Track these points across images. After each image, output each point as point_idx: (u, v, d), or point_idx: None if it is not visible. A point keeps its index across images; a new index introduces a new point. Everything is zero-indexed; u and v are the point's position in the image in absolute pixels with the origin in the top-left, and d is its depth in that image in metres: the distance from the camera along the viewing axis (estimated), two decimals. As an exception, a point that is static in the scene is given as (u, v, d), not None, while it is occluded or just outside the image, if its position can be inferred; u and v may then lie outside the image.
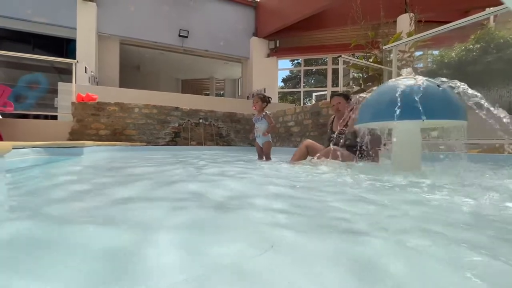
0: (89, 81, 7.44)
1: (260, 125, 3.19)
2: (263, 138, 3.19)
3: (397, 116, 1.62)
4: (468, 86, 1.64)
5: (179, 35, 9.45)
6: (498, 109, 1.47)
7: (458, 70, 4.01)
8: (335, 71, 11.51)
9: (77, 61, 6.06)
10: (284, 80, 22.97)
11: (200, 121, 6.61)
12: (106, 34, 8.57)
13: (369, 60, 5.49)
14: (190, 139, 6.49)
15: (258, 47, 10.66)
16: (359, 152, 2.35)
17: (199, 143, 6.55)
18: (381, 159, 2.44)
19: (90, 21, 8.04)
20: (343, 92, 2.94)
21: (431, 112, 1.59)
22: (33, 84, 8.59)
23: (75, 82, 5.95)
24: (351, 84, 5.99)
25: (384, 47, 4.47)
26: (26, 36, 8.93)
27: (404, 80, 1.77)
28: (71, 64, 5.84)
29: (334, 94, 2.86)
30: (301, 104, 11.55)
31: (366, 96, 2.03)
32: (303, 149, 2.86)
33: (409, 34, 5.07)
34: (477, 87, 1.64)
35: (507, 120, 1.42)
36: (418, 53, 5.57)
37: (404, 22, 6.11)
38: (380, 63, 5.14)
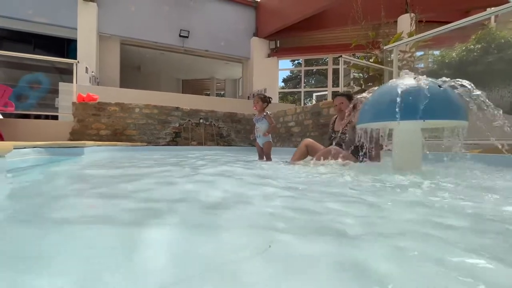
0: (90, 81, 7.45)
1: (261, 125, 3.19)
2: (264, 138, 3.19)
3: (398, 116, 1.61)
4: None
5: (180, 35, 9.45)
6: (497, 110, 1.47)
7: (459, 70, 4.01)
8: (336, 71, 11.51)
9: (78, 61, 6.08)
10: (285, 80, 23.00)
11: (201, 121, 6.61)
12: (107, 34, 8.58)
13: (370, 60, 5.49)
14: (191, 139, 6.49)
15: (259, 47, 10.66)
16: (360, 152, 2.35)
17: (200, 143, 6.55)
18: (382, 159, 2.43)
19: (91, 21, 8.05)
20: (346, 92, 2.94)
21: (432, 112, 1.59)
22: (34, 84, 8.61)
23: (76, 82, 5.97)
24: (352, 84, 5.99)
25: (385, 47, 4.46)
26: (27, 36, 8.95)
27: (405, 80, 1.77)
28: (72, 64, 5.85)
29: (337, 94, 2.86)
30: (302, 105, 11.55)
31: (367, 96, 2.03)
32: (303, 149, 2.86)
33: (410, 34, 5.06)
34: (478, 88, 1.64)
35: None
36: (419, 53, 5.57)
37: (405, 22, 6.10)
38: (381, 63, 5.13)
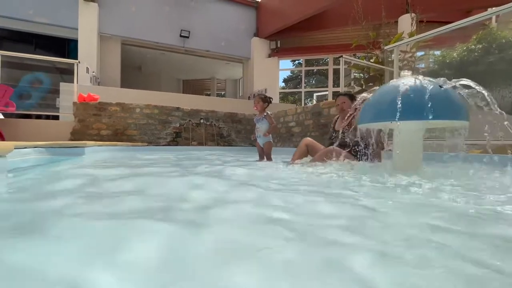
0: (91, 81, 7.46)
1: (261, 126, 3.18)
2: (264, 139, 3.18)
3: (398, 117, 1.61)
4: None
5: (180, 36, 9.46)
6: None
7: (460, 71, 4.00)
8: (336, 72, 11.50)
9: (79, 62, 6.09)
10: (285, 81, 22.99)
11: (201, 121, 6.61)
12: (108, 35, 8.59)
13: (371, 61, 5.49)
14: (191, 139, 6.49)
15: (259, 48, 10.66)
16: (361, 152, 2.35)
17: (200, 143, 6.56)
18: (383, 159, 2.43)
19: (92, 22, 8.07)
20: (348, 92, 2.93)
21: (433, 112, 1.58)
22: (35, 83, 8.63)
23: (77, 82, 5.98)
24: (353, 85, 5.98)
25: (386, 48, 4.46)
26: (28, 37, 8.98)
27: (406, 80, 1.77)
28: (73, 64, 5.86)
29: (339, 94, 2.85)
30: (302, 105, 11.54)
31: (368, 96, 2.02)
32: (303, 148, 2.86)
33: (411, 35, 5.05)
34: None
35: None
36: (420, 54, 5.56)
37: (406, 23, 6.09)
38: (382, 64, 5.13)
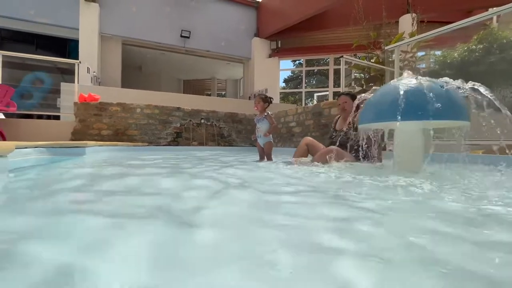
0: (92, 82, 7.47)
1: (262, 126, 3.18)
2: (264, 139, 3.18)
3: (399, 117, 1.61)
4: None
5: (181, 36, 9.47)
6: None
7: (461, 71, 3.99)
8: (337, 72, 11.49)
9: (80, 62, 6.10)
10: (286, 81, 23.01)
11: (202, 122, 6.62)
12: (109, 35, 8.61)
13: (371, 61, 5.48)
14: (192, 139, 6.50)
15: (260, 48, 10.66)
16: (361, 152, 2.34)
17: (201, 144, 6.56)
18: (383, 160, 2.43)
19: (93, 22, 8.08)
20: (350, 92, 2.91)
21: (434, 113, 1.58)
22: (36, 82, 8.65)
23: (78, 83, 5.98)
24: (353, 85, 5.97)
25: (386, 48, 4.45)
26: (30, 37, 9.00)
27: (407, 81, 1.77)
28: (74, 65, 5.87)
29: (341, 94, 2.84)
30: (303, 105, 11.53)
31: (369, 96, 2.02)
32: (304, 147, 2.85)
33: (411, 35, 5.05)
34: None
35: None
36: (421, 54, 5.55)
37: (407, 23, 6.09)
38: (382, 64, 5.12)
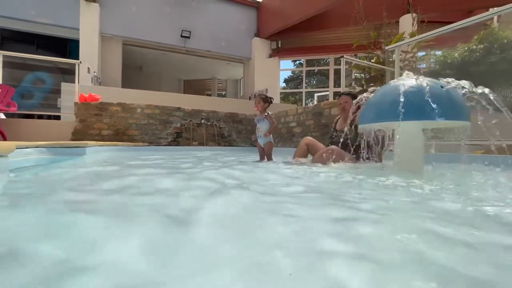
0: (92, 82, 7.48)
1: (262, 126, 3.18)
2: (265, 139, 3.18)
3: (400, 117, 1.61)
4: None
5: (181, 36, 9.47)
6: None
7: (461, 71, 3.99)
8: (337, 72, 11.49)
9: (80, 62, 6.10)
10: (286, 81, 23.02)
11: (202, 122, 6.62)
12: (109, 35, 8.61)
13: (372, 61, 5.47)
14: (192, 140, 6.50)
15: (260, 48, 10.66)
16: (361, 152, 2.34)
17: (201, 144, 6.56)
18: (384, 160, 2.42)
19: (93, 22, 8.09)
20: (351, 92, 2.91)
21: (434, 113, 1.58)
22: (37, 82, 8.66)
23: (78, 83, 5.99)
24: (354, 85, 5.97)
25: (387, 48, 4.45)
26: (30, 37, 9.01)
27: (407, 81, 1.77)
28: (74, 65, 5.87)
29: (342, 94, 2.83)
30: (303, 105, 11.53)
31: (369, 97, 2.02)
32: (304, 147, 2.85)
33: (412, 35, 5.04)
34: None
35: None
36: (421, 54, 5.54)
37: (407, 23, 6.08)
38: (383, 64, 5.11)
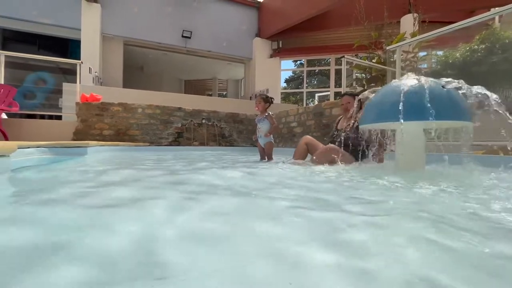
0: (93, 82, 7.50)
1: (262, 126, 3.18)
2: (265, 139, 3.18)
3: (401, 117, 1.61)
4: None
5: (182, 36, 9.48)
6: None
7: (463, 71, 3.98)
8: (338, 72, 11.48)
9: (82, 62, 6.11)
10: (287, 81, 23.01)
11: (203, 122, 6.62)
12: (110, 35, 8.63)
13: (373, 61, 5.47)
14: (193, 140, 6.50)
15: (261, 48, 10.66)
16: (361, 153, 2.34)
17: (202, 144, 6.57)
18: (385, 160, 2.42)
19: (95, 22, 8.11)
20: (353, 92, 2.90)
21: (436, 113, 1.58)
22: (39, 82, 8.69)
23: (80, 83, 6.00)
24: (354, 85, 5.97)
25: (388, 48, 4.44)
26: (32, 37, 9.05)
27: (408, 81, 1.76)
28: (76, 65, 5.89)
29: (345, 94, 2.83)
30: (304, 105, 11.53)
31: (371, 97, 2.02)
32: (303, 146, 2.85)
33: (413, 35, 5.03)
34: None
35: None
36: (422, 54, 5.53)
37: (408, 23, 6.07)
38: (384, 64, 5.11)
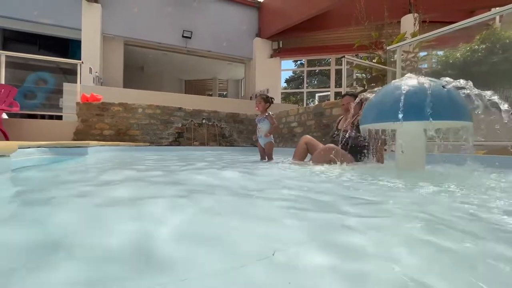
0: (94, 82, 7.51)
1: (263, 126, 3.18)
2: (265, 139, 3.18)
3: (401, 117, 1.61)
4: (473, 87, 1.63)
5: (183, 36, 9.49)
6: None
7: (463, 71, 3.98)
8: (339, 72, 11.48)
9: (82, 62, 6.12)
10: (287, 81, 23.01)
11: (203, 122, 6.63)
12: (111, 35, 8.64)
13: (373, 61, 5.46)
14: (193, 140, 6.51)
15: (261, 48, 10.67)
16: (362, 152, 2.34)
17: (202, 144, 6.57)
18: (385, 160, 2.41)
19: (95, 22, 8.12)
20: (354, 93, 2.91)
21: (436, 113, 1.58)
22: (39, 82, 8.70)
23: (80, 83, 6.01)
24: (355, 85, 5.96)
25: (388, 48, 4.44)
26: (33, 37, 9.06)
27: (408, 81, 1.76)
28: (76, 65, 5.89)
29: (346, 94, 2.83)
30: (304, 105, 11.53)
31: (371, 97, 2.02)
32: (303, 146, 2.85)
33: (413, 35, 5.03)
34: (483, 88, 1.63)
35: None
36: (423, 54, 5.53)
37: (408, 23, 6.07)
38: (384, 64, 5.10)
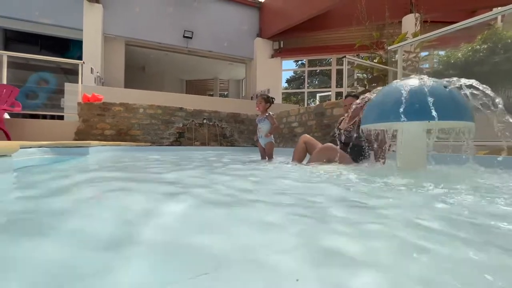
0: (95, 82, 7.53)
1: (263, 126, 3.18)
2: (266, 139, 3.18)
3: (402, 117, 1.60)
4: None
5: (184, 36, 9.50)
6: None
7: (465, 71, 3.97)
8: (340, 72, 11.47)
9: (84, 62, 6.14)
10: (288, 81, 22.99)
11: (204, 122, 6.63)
12: (112, 35, 8.66)
13: (374, 61, 5.46)
14: (194, 140, 6.51)
15: (262, 48, 10.67)
16: (364, 152, 2.34)
17: (203, 144, 6.58)
18: (387, 160, 2.41)
19: (96, 23, 8.14)
20: (356, 93, 2.92)
21: (437, 113, 1.57)
22: (40, 84, 8.73)
23: (81, 83, 6.03)
24: (356, 85, 5.96)
25: (389, 48, 4.43)
26: (34, 37, 9.09)
27: (410, 81, 1.76)
28: (78, 65, 5.91)
29: (349, 95, 2.83)
30: (305, 105, 11.52)
31: (371, 97, 2.01)
32: (302, 146, 2.84)
33: (415, 35, 5.02)
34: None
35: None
36: (424, 54, 5.52)
37: (410, 23, 6.06)
38: (385, 64, 5.10)
